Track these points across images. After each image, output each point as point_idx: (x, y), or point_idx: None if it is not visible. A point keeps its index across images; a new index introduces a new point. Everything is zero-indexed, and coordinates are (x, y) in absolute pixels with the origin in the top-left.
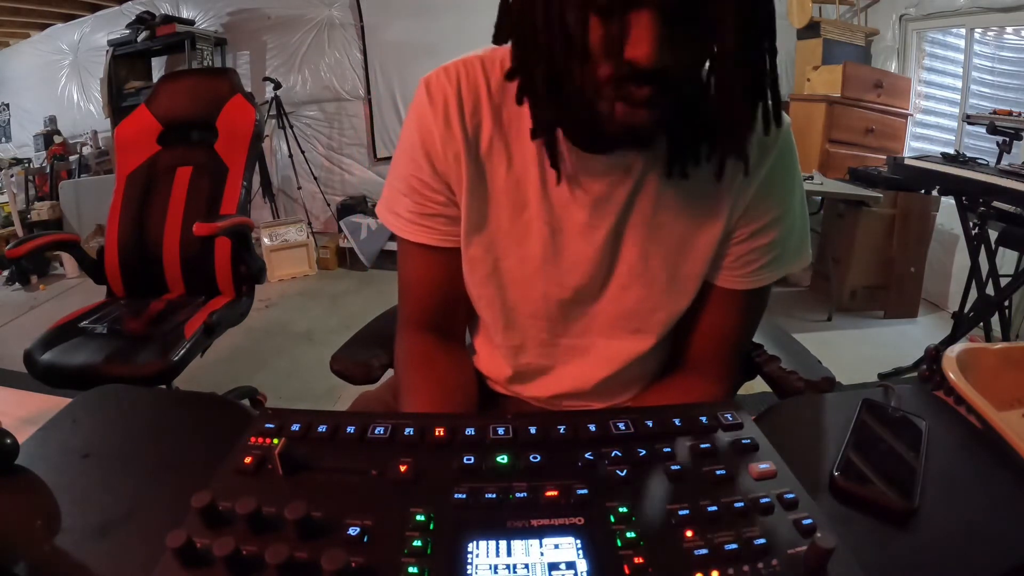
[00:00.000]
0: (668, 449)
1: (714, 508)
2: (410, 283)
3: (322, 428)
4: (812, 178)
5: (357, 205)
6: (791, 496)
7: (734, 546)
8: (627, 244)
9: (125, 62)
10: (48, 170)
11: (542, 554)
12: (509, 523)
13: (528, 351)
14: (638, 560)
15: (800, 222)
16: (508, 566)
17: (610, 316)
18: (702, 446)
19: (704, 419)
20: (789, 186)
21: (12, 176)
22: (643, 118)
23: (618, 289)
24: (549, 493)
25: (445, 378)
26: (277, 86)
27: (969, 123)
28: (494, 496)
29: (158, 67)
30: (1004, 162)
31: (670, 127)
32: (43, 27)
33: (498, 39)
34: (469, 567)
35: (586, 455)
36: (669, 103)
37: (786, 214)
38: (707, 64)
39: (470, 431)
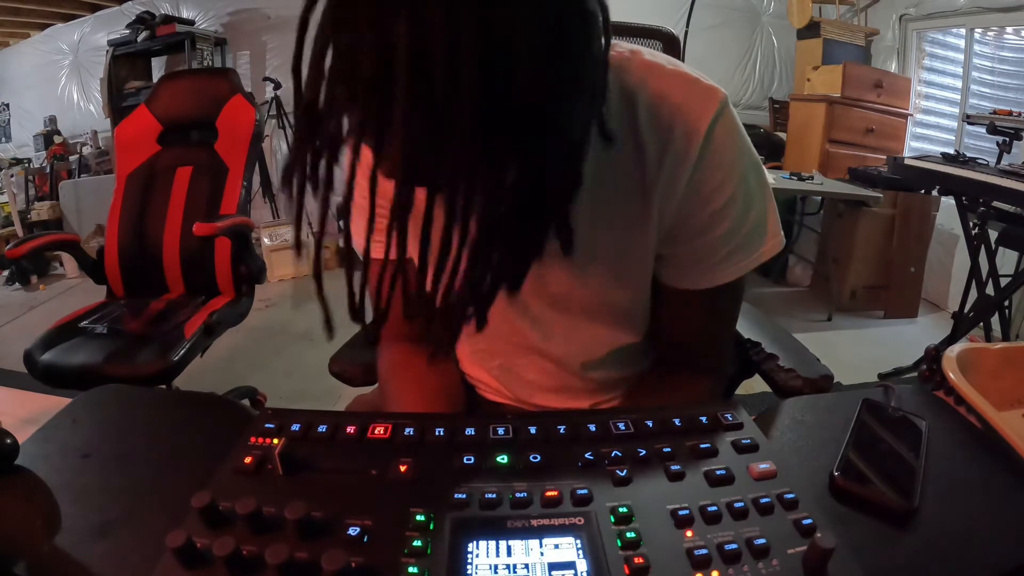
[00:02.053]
0: (668, 449)
1: (714, 508)
2: (379, 297)
3: (322, 428)
4: (812, 178)
5: None
6: (791, 496)
7: (734, 546)
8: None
9: (125, 62)
10: (48, 170)
11: (542, 554)
12: (509, 523)
13: (498, 353)
14: (638, 560)
15: (759, 206)
16: (508, 566)
17: (563, 315)
18: (702, 446)
19: (704, 419)
20: (729, 172)
21: (12, 176)
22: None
23: (564, 287)
24: (549, 493)
25: (425, 384)
26: (277, 86)
27: (969, 123)
28: (494, 496)
29: (158, 67)
30: (1004, 162)
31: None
32: (43, 27)
33: None
34: (469, 567)
35: (586, 455)
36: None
37: (733, 203)
38: None
39: (470, 431)
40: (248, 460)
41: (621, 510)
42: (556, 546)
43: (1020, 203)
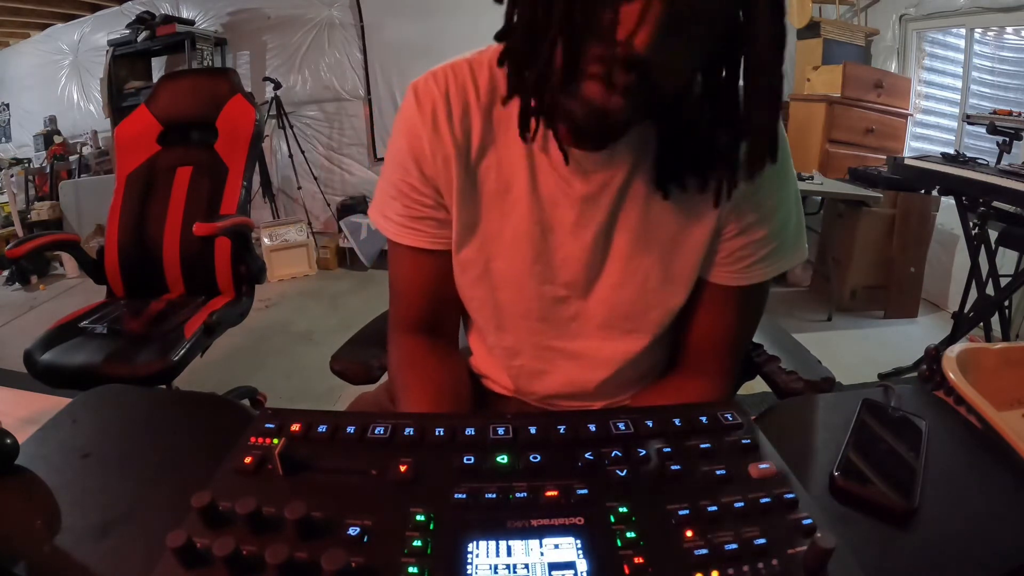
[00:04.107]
0: (668, 449)
1: (714, 508)
2: (401, 286)
3: (322, 428)
4: (812, 178)
5: (357, 205)
6: (791, 496)
7: (734, 546)
8: (617, 242)
9: (125, 62)
10: (48, 170)
11: (542, 554)
12: (509, 523)
13: (522, 353)
14: (638, 560)
15: (796, 217)
16: (508, 566)
17: (603, 316)
18: (702, 446)
19: (704, 419)
20: (782, 180)
21: (12, 176)
22: (617, 105)
23: (609, 288)
24: (549, 493)
25: (436, 379)
26: (277, 86)
27: (969, 123)
28: (494, 496)
29: (158, 67)
30: (1004, 162)
31: (662, 143)
32: (43, 27)
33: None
34: (469, 567)
35: (586, 455)
36: (646, 99)
37: (780, 208)
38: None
39: (470, 431)
40: (248, 460)
41: (621, 510)
42: (556, 546)
43: (1020, 203)
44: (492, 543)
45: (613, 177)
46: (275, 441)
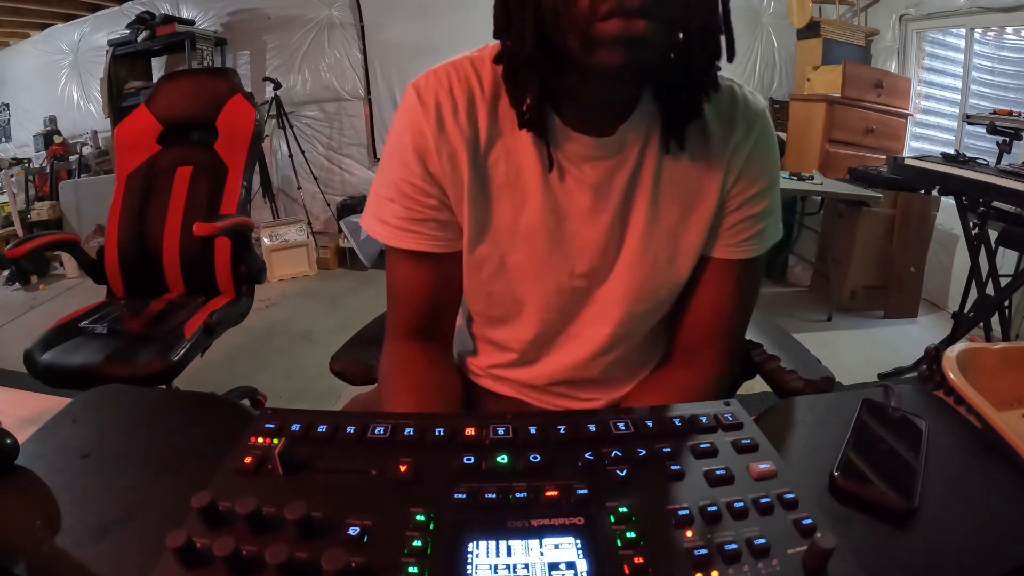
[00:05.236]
0: (668, 449)
1: (714, 508)
2: (399, 291)
3: (322, 428)
4: (812, 178)
5: (357, 205)
6: (791, 496)
7: (734, 546)
8: (632, 225)
9: (125, 62)
10: (48, 170)
11: (542, 554)
12: (509, 523)
13: (535, 341)
14: (638, 560)
15: (777, 199)
16: (508, 566)
17: (618, 298)
18: (702, 446)
19: (704, 419)
20: (772, 161)
21: (12, 176)
22: (641, 29)
23: (624, 270)
24: (549, 493)
25: (424, 384)
26: (277, 86)
27: (969, 123)
28: (494, 496)
29: (158, 67)
30: (1004, 162)
31: (659, 92)
32: (43, 27)
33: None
34: (469, 567)
35: (586, 455)
36: (665, 18)
37: (771, 187)
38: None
39: (470, 431)
40: (248, 460)
41: (621, 510)
42: (556, 546)
43: (1020, 203)
44: (492, 543)
45: (624, 162)
46: (275, 441)
